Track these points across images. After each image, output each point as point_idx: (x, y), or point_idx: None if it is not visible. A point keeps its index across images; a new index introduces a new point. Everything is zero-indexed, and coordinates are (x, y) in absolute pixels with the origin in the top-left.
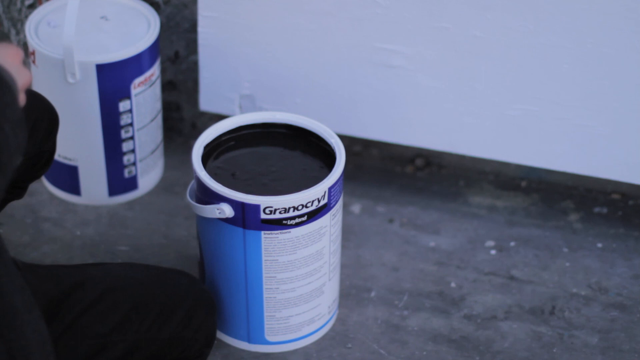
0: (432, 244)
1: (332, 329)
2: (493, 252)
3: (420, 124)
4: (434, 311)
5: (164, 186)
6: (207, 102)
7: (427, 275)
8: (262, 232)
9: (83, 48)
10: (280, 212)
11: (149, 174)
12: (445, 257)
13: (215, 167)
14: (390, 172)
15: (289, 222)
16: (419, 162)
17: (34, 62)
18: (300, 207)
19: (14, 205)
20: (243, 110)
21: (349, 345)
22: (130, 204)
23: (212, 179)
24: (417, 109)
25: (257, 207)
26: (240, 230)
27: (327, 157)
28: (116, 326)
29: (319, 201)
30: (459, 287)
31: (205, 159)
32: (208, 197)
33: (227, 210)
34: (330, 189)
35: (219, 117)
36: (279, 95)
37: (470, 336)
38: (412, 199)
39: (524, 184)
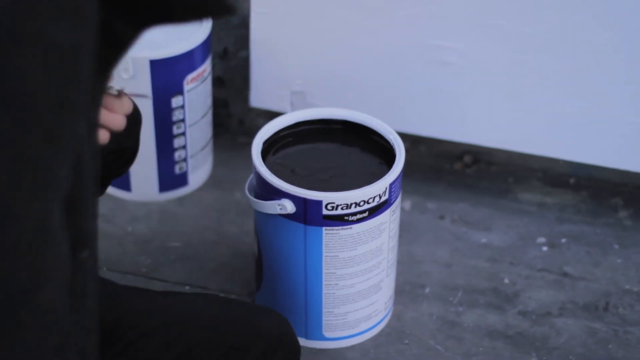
0: (483, 240)
1: (387, 325)
2: (544, 248)
3: (471, 120)
4: (488, 307)
5: (213, 182)
6: (257, 99)
7: (480, 271)
8: (324, 228)
9: (136, 43)
10: (342, 208)
11: (198, 170)
12: (497, 253)
13: (274, 163)
14: (439, 169)
15: (350, 218)
16: (467, 159)
17: None
18: (362, 203)
19: None
20: (294, 106)
21: (406, 342)
22: (180, 200)
23: (273, 175)
24: (469, 105)
25: (319, 203)
26: (301, 226)
27: (384, 153)
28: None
29: (380, 197)
30: (512, 284)
31: (263, 155)
32: (268, 193)
33: (289, 206)
34: (391, 185)
35: (267, 114)
36: (330, 92)
37: (526, 332)
38: (462, 195)
39: (572, 181)
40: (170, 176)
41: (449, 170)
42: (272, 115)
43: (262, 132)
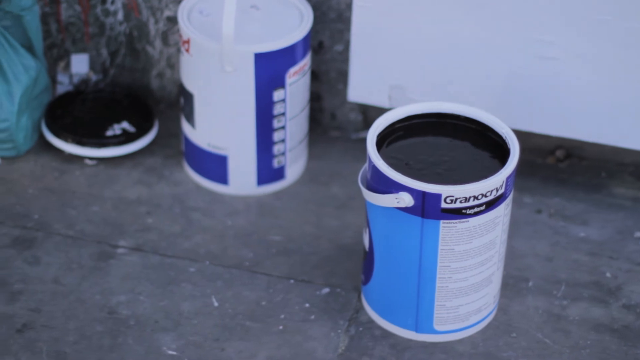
0: (582, 234)
1: (495, 319)
2: None
3: (566, 114)
4: (592, 301)
5: (310, 176)
6: (355, 93)
7: (581, 265)
8: (441, 221)
9: (237, 37)
10: (460, 202)
11: (296, 164)
12: (597, 247)
13: (388, 156)
14: (532, 163)
15: (468, 211)
16: (560, 153)
17: (187, 50)
18: (480, 197)
19: (161, 195)
20: (392, 100)
21: (514, 335)
22: (277, 194)
23: (391, 169)
24: (565, 99)
25: (438, 196)
26: (418, 219)
27: (494, 147)
28: None
29: (497, 190)
30: (614, 277)
31: (376, 149)
32: (385, 186)
33: (407, 199)
34: (507, 178)
35: (359, 108)
36: (429, 86)
37: (632, 325)
38: (557, 190)
39: None
40: (268, 170)
41: (542, 164)
42: (364, 109)
43: (376, 126)
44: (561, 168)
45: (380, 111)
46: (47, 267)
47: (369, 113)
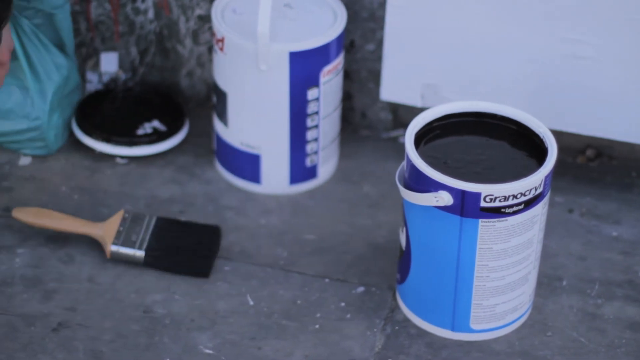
0: (614, 233)
1: (530, 317)
2: None
3: (598, 113)
4: (626, 300)
5: (341, 175)
6: (388, 92)
7: (615, 264)
8: (480, 220)
9: (272, 36)
10: (500, 200)
11: (328, 163)
12: (630, 246)
13: (426, 155)
14: (562, 162)
15: (507, 210)
16: (590, 152)
17: (221, 49)
18: (519, 196)
19: (193, 194)
20: (424, 99)
21: (549, 334)
22: (310, 193)
23: (431, 168)
24: (598, 99)
25: (477, 195)
26: (457, 218)
27: (531, 146)
28: None
29: (535, 189)
30: None
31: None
32: (424, 185)
33: (446, 198)
34: (546, 177)
35: (391, 107)
36: (463, 85)
37: None
38: (588, 189)
39: None
40: (301, 169)
41: (572, 164)
42: (395, 108)
43: (413, 125)
44: (591, 167)
45: (411, 110)
46: (81, 265)
47: (399, 112)
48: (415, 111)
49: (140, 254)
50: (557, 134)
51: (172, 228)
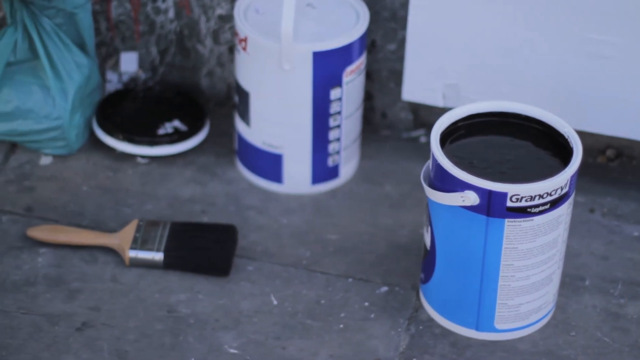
0: (635, 233)
1: (553, 317)
2: None
3: (620, 113)
4: None
5: (362, 175)
6: (410, 92)
7: (637, 264)
8: (506, 219)
9: (295, 35)
10: (526, 200)
11: (349, 162)
12: None
13: (452, 155)
14: (582, 162)
15: (533, 210)
16: (610, 152)
17: (244, 48)
18: (545, 195)
19: (214, 193)
20: (446, 99)
21: (573, 333)
22: (332, 193)
23: (457, 167)
24: (619, 99)
25: (504, 195)
26: (483, 217)
27: (556, 146)
28: None
29: (561, 189)
30: None
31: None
32: (450, 184)
33: (473, 198)
34: (571, 177)
35: (411, 107)
36: (484, 85)
37: None
38: (609, 189)
39: None
40: (323, 168)
41: (593, 164)
42: (415, 108)
43: (439, 124)
44: (612, 167)
45: (431, 110)
46: (104, 265)
47: (420, 112)
48: (435, 111)
49: (159, 256)
50: (578, 134)
51: (187, 229)
